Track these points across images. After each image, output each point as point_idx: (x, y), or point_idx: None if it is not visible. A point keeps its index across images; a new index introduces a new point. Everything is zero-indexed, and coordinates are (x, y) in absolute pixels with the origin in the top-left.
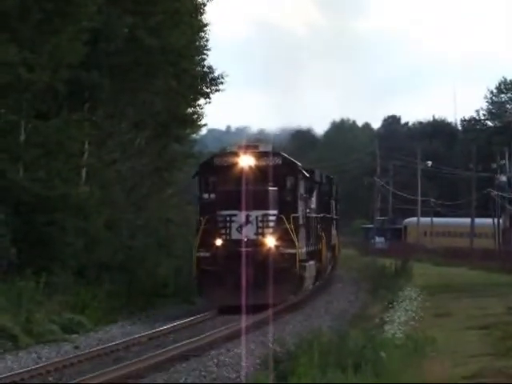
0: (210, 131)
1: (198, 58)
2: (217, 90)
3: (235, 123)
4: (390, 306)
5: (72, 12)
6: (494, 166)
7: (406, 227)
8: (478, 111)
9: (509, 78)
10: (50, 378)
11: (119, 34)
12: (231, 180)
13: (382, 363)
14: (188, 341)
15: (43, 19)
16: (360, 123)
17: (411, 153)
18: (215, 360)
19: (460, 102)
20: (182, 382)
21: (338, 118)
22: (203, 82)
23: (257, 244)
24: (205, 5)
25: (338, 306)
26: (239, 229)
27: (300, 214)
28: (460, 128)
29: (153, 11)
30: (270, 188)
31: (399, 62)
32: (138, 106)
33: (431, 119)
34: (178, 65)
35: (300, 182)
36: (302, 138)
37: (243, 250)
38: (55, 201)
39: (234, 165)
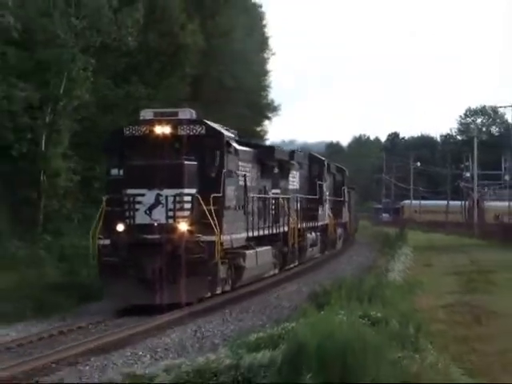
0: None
1: (264, 94)
2: (276, 115)
3: (287, 137)
4: (392, 259)
5: (179, 62)
6: (462, 166)
7: (402, 207)
8: (451, 129)
9: (472, 107)
10: None
11: (212, 78)
12: (142, 153)
13: (386, 298)
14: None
15: (160, 67)
16: (372, 137)
17: (407, 157)
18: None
19: (440, 120)
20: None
21: (357, 134)
22: (267, 109)
23: (168, 230)
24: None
25: (357, 259)
26: (148, 211)
27: (230, 193)
28: (439, 141)
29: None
30: (186, 162)
31: (396, 88)
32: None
33: (419, 134)
34: (249, 99)
35: (228, 155)
36: (332, 148)
37: (150, 237)
38: None
39: (147, 135)
